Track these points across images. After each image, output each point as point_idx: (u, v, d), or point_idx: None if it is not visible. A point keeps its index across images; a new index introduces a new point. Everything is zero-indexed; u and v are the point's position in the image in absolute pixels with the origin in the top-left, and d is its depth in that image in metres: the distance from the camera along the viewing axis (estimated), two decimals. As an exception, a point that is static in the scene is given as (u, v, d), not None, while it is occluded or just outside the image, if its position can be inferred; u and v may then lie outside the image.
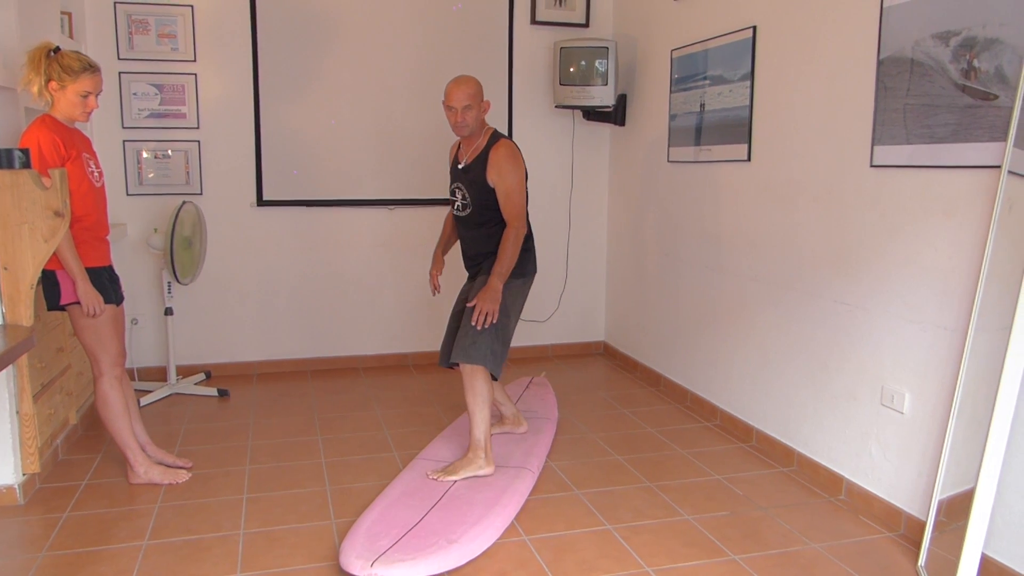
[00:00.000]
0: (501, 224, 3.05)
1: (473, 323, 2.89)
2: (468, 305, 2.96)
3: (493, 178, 2.99)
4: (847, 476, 2.91)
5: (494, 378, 2.99)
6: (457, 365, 3.02)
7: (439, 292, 3.40)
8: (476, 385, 2.93)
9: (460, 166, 3.11)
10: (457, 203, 3.14)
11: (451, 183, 3.19)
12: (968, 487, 2.28)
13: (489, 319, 2.89)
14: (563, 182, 4.94)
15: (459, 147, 3.19)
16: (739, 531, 2.63)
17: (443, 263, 3.36)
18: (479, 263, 3.16)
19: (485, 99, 3.03)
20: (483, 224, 3.09)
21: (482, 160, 3.02)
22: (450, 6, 4.57)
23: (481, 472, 2.92)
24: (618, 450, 3.36)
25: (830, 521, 2.73)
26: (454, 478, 2.89)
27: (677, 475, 3.11)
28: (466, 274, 3.30)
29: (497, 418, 3.46)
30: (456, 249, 3.43)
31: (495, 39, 4.69)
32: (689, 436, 3.56)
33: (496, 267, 2.95)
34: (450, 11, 4.57)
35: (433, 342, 4.83)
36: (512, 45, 4.72)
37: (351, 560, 2.26)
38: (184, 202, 3.97)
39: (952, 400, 2.40)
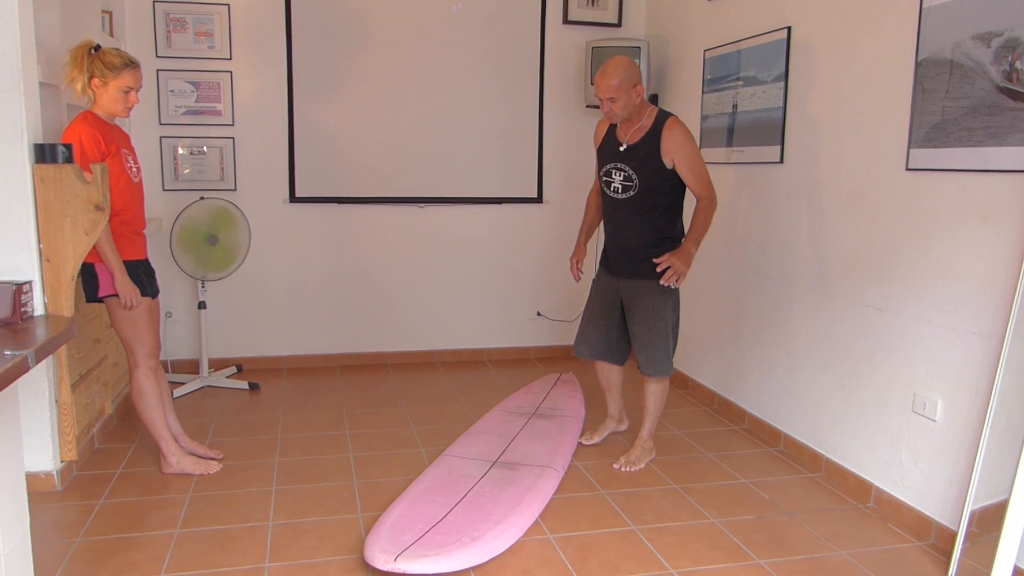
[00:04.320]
0: (665, 212, 3.03)
1: (663, 282, 2.92)
2: (659, 268, 2.91)
3: (672, 156, 2.93)
4: (876, 483, 2.88)
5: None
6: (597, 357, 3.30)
7: (581, 279, 3.43)
8: (661, 390, 3.21)
9: (622, 147, 3.02)
10: (614, 185, 3.05)
11: (604, 164, 3.10)
12: (1002, 498, 2.24)
13: (680, 280, 2.94)
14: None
15: (610, 127, 3.11)
16: (765, 536, 2.61)
17: (585, 250, 3.35)
18: (636, 260, 3.06)
19: (636, 85, 2.90)
20: (646, 210, 3.01)
21: (653, 138, 2.95)
22: (488, 6, 4.58)
23: (652, 456, 3.27)
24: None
25: (858, 528, 2.70)
26: (639, 467, 3.18)
27: (703, 478, 3.09)
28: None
29: (599, 421, 3.62)
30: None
31: (527, 38, 4.69)
32: (716, 439, 3.54)
33: (692, 233, 2.96)
34: (483, 10, 4.58)
35: (460, 340, 4.86)
36: (544, 44, 4.72)
37: (375, 554, 2.29)
38: (201, 198, 4.01)
39: (986, 408, 2.36)
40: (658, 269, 2.91)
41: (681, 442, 3.49)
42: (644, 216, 3.03)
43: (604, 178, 3.11)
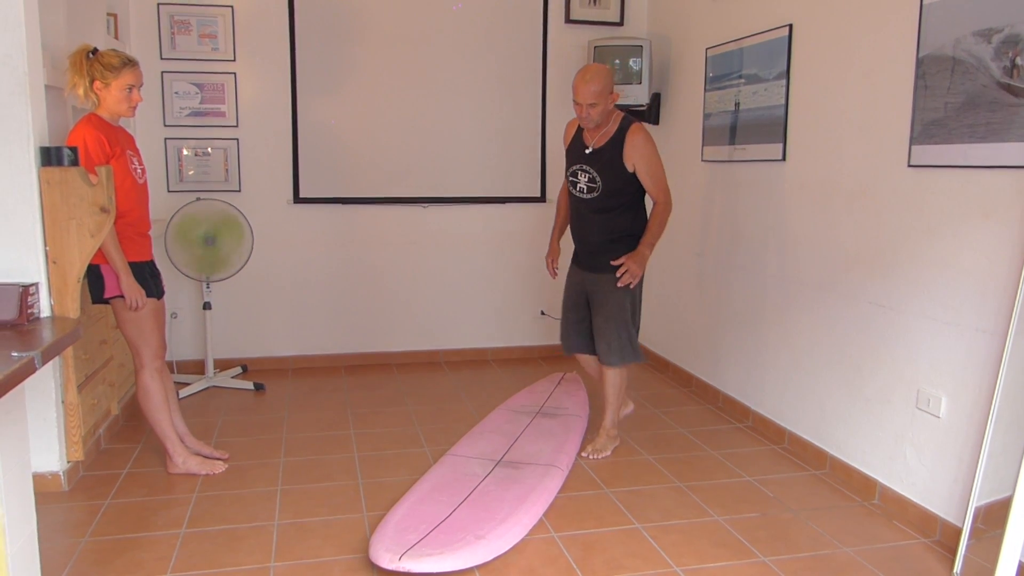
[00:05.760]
0: (626, 210, 3.17)
1: (620, 284, 3.09)
2: (618, 273, 3.08)
3: (633, 161, 3.07)
4: (881, 480, 2.88)
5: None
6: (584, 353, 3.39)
7: (556, 276, 3.58)
8: (618, 379, 3.27)
9: (588, 150, 3.16)
10: (580, 185, 3.20)
11: (571, 165, 3.25)
12: (1006, 494, 2.23)
13: (634, 281, 3.08)
14: (596, 181, 4.93)
15: (578, 129, 3.25)
16: (769, 533, 2.62)
17: (559, 250, 3.50)
18: (598, 254, 3.20)
19: (612, 92, 3.05)
20: (609, 209, 3.17)
21: (616, 143, 3.09)
22: (490, 5, 4.59)
23: (617, 443, 3.34)
24: (648, 450, 3.36)
25: (863, 525, 2.70)
26: (606, 454, 3.26)
27: (707, 476, 3.09)
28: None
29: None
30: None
31: (529, 37, 4.70)
32: (720, 437, 3.54)
33: (647, 237, 3.13)
34: (485, 10, 4.59)
35: (464, 339, 4.87)
36: (546, 44, 4.72)
37: (380, 553, 2.30)
38: (197, 198, 4.02)
39: (990, 404, 2.36)
40: (617, 273, 3.07)
41: (685, 440, 3.49)
42: (607, 215, 3.18)
43: (571, 178, 3.26)
